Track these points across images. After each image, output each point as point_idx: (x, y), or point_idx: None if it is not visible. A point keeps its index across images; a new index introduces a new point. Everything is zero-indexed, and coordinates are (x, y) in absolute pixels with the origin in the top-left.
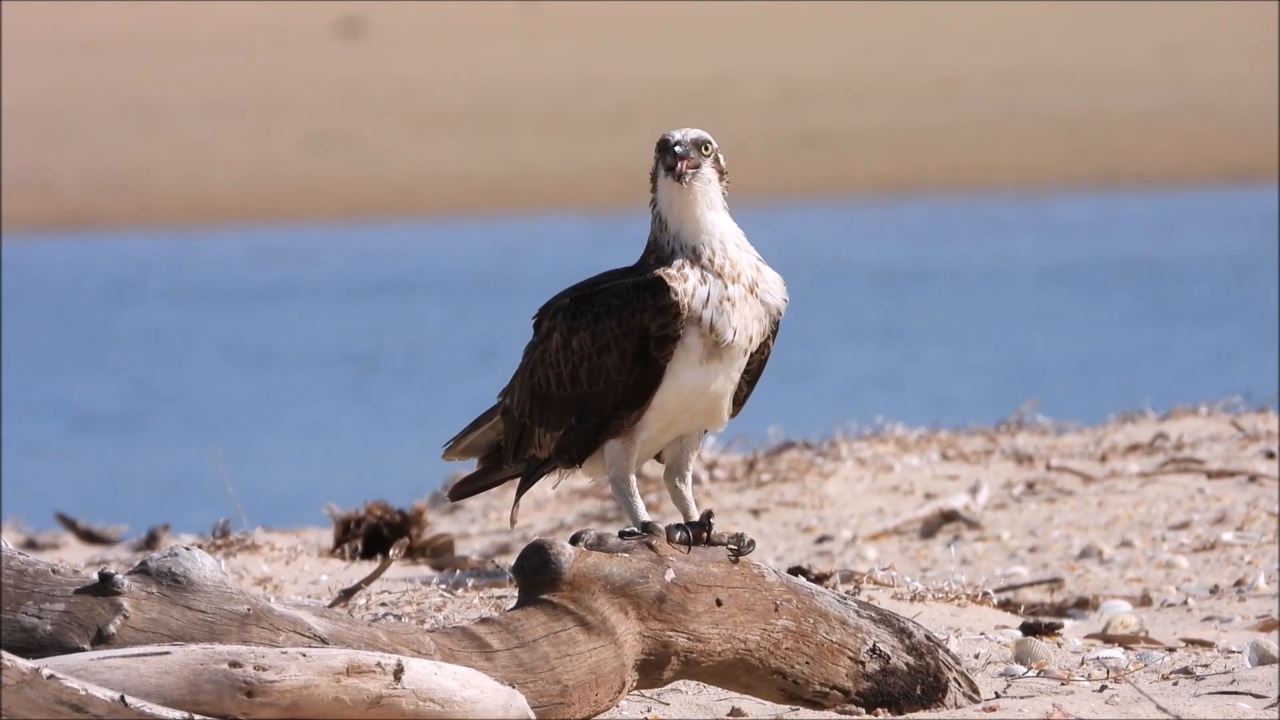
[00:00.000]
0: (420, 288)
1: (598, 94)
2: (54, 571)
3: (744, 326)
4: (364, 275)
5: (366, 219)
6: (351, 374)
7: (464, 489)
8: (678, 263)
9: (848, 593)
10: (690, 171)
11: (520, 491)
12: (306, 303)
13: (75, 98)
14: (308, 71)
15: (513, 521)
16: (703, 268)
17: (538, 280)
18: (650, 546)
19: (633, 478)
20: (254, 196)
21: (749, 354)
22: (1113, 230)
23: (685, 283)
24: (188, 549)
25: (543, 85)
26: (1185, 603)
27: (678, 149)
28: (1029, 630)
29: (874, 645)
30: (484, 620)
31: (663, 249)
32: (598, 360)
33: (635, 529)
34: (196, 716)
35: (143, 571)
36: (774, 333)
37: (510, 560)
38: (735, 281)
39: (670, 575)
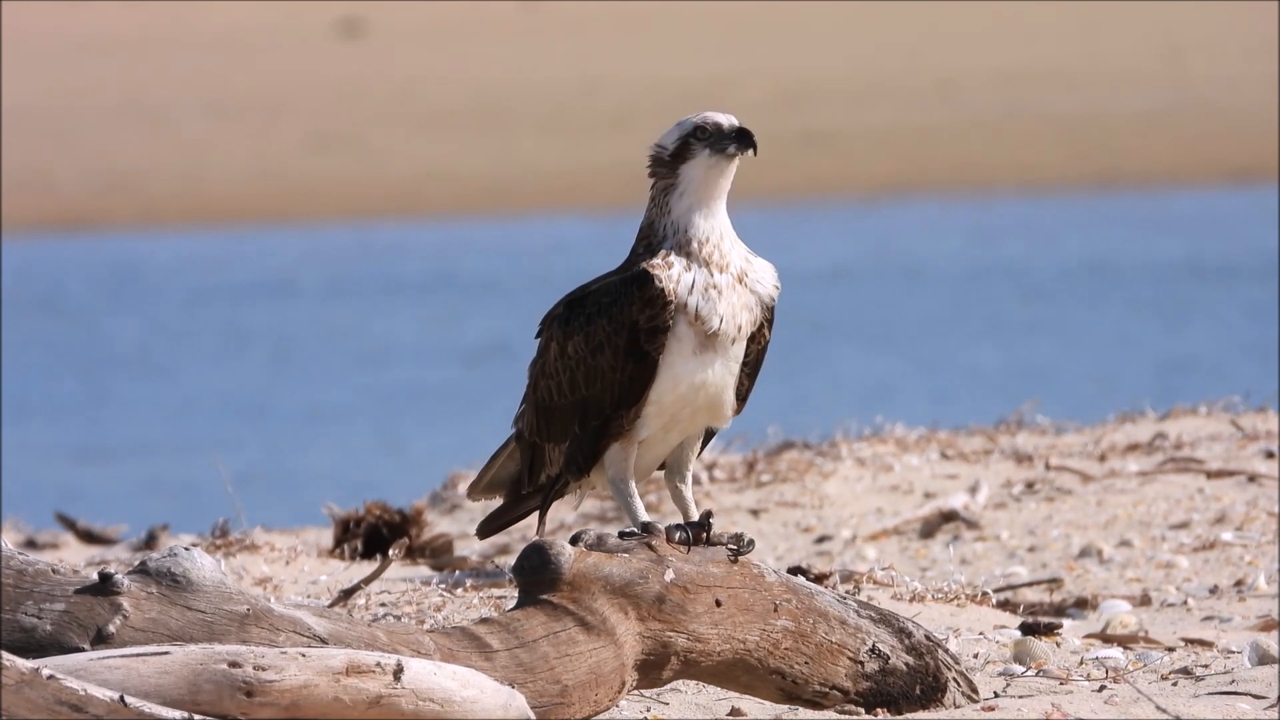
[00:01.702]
0: (418, 287)
1: (598, 94)
2: (54, 571)
3: (731, 315)
4: (363, 275)
5: (366, 219)
6: (352, 373)
7: (491, 525)
8: (663, 252)
9: (847, 592)
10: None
11: (542, 515)
12: (316, 301)
13: (75, 98)
14: (308, 71)
15: None
16: (689, 255)
17: (539, 280)
18: (650, 547)
19: (631, 478)
20: (254, 196)
21: (744, 343)
22: (1112, 230)
23: (670, 270)
24: (187, 549)
25: (543, 85)
26: (1185, 603)
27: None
28: (1028, 630)
29: (873, 645)
30: (484, 620)
31: (655, 234)
32: (592, 361)
33: (635, 529)
34: (196, 716)
35: (142, 571)
36: (769, 321)
37: (510, 560)
38: (723, 271)
39: (670, 575)
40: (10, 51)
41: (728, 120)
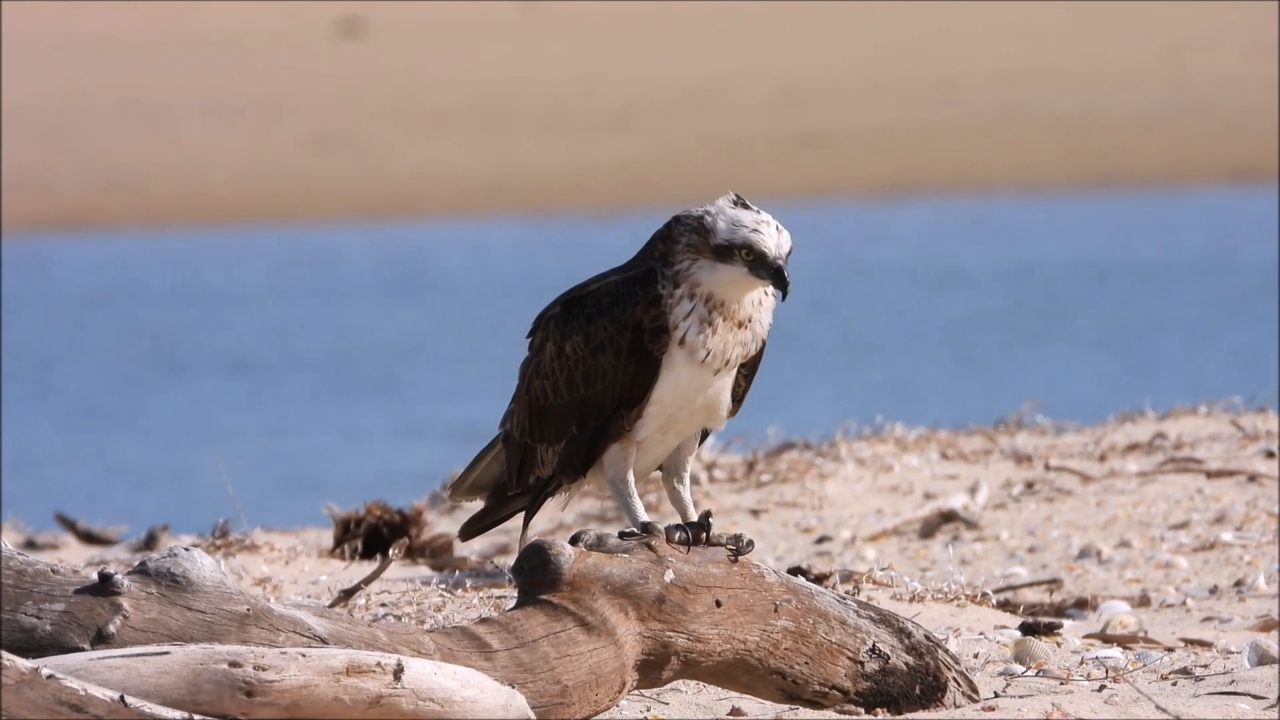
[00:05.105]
0: (416, 288)
1: (598, 94)
2: (53, 571)
3: (721, 351)
4: (363, 275)
5: (366, 219)
6: (349, 375)
7: (473, 527)
8: (674, 274)
9: (847, 593)
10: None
11: (528, 517)
12: (312, 302)
13: (75, 98)
14: (308, 71)
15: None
16: (694, 297)
17: (538, 281)
18: (650, 547)
19: (630, 478)
20: (254, 196)
21: (735, 368)
22: (1112, 231)
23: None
24: (187, 549)
25: (543, 85)
26: (1184, 603)
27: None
28: (1028, 630)
29: (873, 645)
30: (484, 620)
31: (670, 264)
32: (593, 361)
33: (635, 529)
34: (196, 716)
35: (142, 572)
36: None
37: (510, 560)
38: (726, 319)
39: (670, 576)
40: (10, 51)
41: (775, 251)
